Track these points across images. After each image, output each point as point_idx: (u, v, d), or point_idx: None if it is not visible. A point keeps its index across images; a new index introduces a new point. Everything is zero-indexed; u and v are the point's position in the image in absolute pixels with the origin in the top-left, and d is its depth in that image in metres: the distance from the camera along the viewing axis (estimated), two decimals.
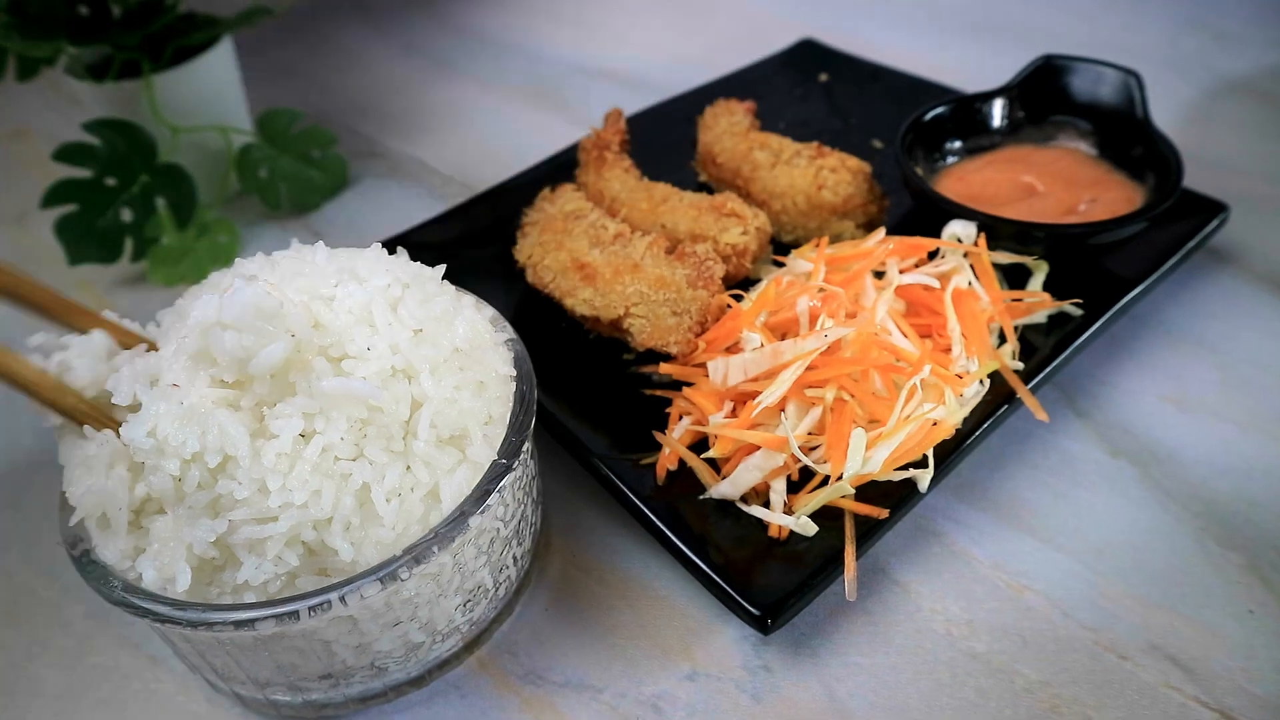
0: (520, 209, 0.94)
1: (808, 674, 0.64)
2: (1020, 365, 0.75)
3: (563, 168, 1.03)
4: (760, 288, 0.79)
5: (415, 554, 0.53)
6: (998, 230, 0.81)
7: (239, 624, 0.52)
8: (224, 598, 0.54)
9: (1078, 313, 0.80)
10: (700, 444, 0.72)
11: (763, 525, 0.67)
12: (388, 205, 1.17)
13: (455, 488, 0.56)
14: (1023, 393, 0.72)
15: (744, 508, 0.68)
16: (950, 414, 0.69)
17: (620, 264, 0.79)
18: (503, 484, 0.57)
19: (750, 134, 0.98)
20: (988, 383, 0.74)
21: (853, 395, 0.68)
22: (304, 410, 0.53)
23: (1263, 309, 0.88)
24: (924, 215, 0.86)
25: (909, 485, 0.68)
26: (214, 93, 1.11)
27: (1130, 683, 0.62)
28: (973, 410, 0.72)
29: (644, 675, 0.65)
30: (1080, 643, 0.64)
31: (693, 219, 0.85)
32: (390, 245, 0.81)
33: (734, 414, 0.71)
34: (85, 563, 0.56)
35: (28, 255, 1.13)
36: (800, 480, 0.69)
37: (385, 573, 0.53)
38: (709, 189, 1.02)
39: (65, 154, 1.00)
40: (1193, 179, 0.87)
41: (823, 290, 0.74)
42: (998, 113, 0.97)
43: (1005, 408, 0.72)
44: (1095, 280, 0.82)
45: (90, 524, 0.57)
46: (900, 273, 0.77)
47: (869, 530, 0.66)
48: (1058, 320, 0.80)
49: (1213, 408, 0.79)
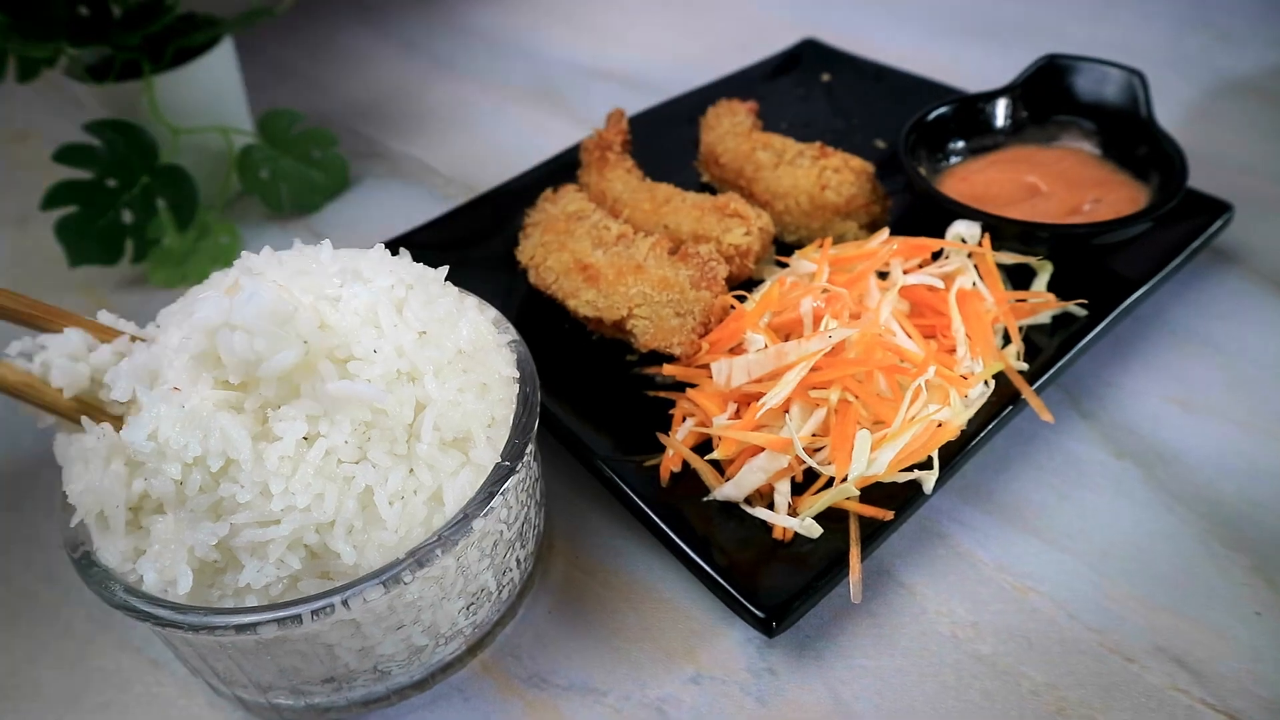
0: (522, 210, 0.94)
1: (812, 677, 0.64)
2: (1025, 366, 0.75)
3: (564, 168, 1.03)
4: (764, 288, 0.78)
5: (418, 557, 0.53)
6: (1002, 230, 0.81)
7: (241, 628, 0.51)
8: (225, 600, 0.54)
9: (1082, 313, 0.80)
10: (704, 446, 0.72)
11: (767, 527, 0.67)
12: (389, 206, 1.16)
13: (458, 490, 0.56)
14: (1028, 394, 0.72)
15: (748, 510, 0.68)
16: (955, 415, 0.69)
17: (623, 265, 0.79)
18: (506, 486, 0.57)
19: (753, 134, 0.98)
20: (992, 384, 0.73)
21: (857, 396, 0.68)
22: (308, 413, 0.53)
23: (1267, 309, 0.88)
24: (927, 215, 0.86)
25: (913, 487, 0.68)
26: (215, 93, 1.11)
27: (1136, 685, 0.61)
28: (977, 411, 0.71)
29: (648, 678, 0.64)
30: (1086, 645, 0.64)
31: (696, 219, 0.85)
32: (392, 246, 0.81)
33: (738, 415, 0.70)
34: (86, 565, 0.56)
35: (28, 257, 1.13)
36: (804, 482, 0.68)
37: (388, 576, 0.52)
38: (711, 189, 1.02)
39: (66, 155, 1.00)
40: (1196, 179, 0.87)
41: (826, 291, 0.74)
42: (1001, 113, 0.97)
43: (1010, 409, 0.72)
44: (1099, 281, 0.82)
45: (90, 524, 0.57)
46: (904, 273, 0.77)
47: (874, 532, 0.65)
48: (1062, 321, 0.80)
49: (1218, 408, 0.79)
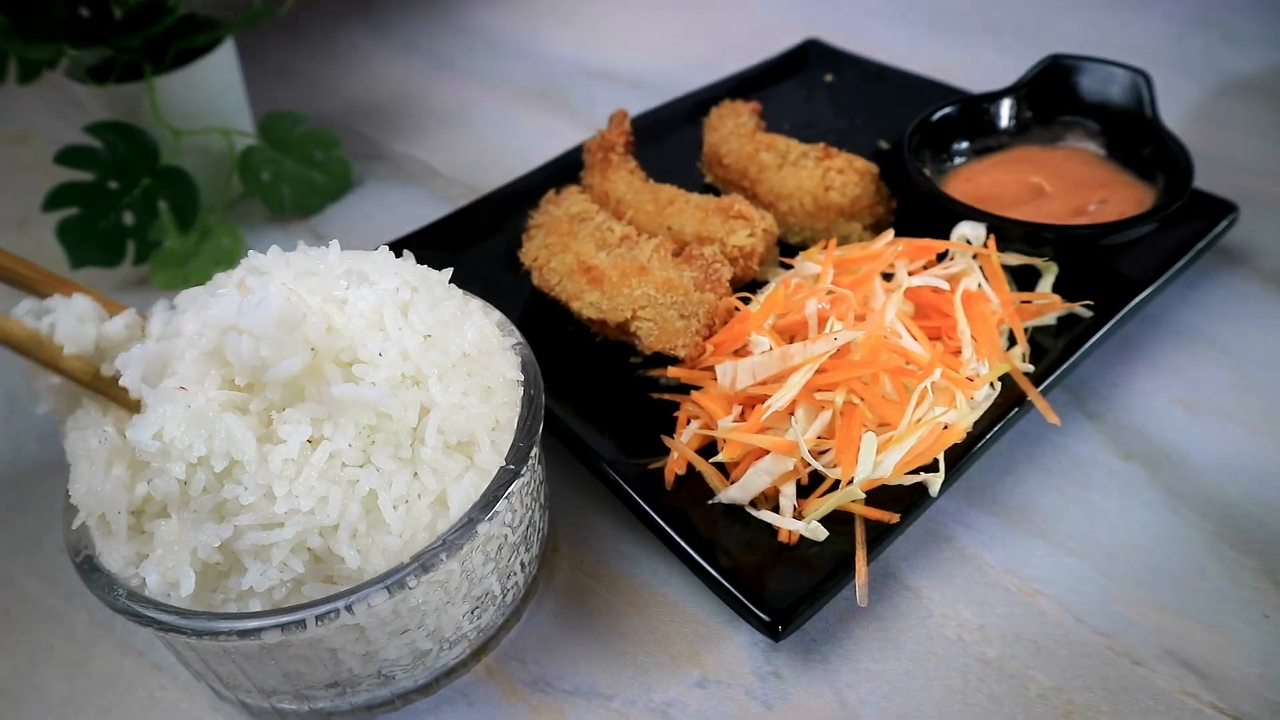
0: (525, 211, 0.94)
1: (818, 680, 0.63)
2: (1030, 368, 0.75)
3: (567, 169, 1.03)
4: (768, 290, 0.78)
5: (423, 562, 0.53)
6: (1007, 232, 0.81)
7: (244, 633, 0.51)
8: (228, 604, 0.54)
9: (1087, 314, 0.79)
10: (709, 448, 0.71)
11: (772, 530, 0.66)
12: (391, 207, 1.16)
13: (463, 494, 0.55)
14: (1034, 396, 0.72)
15: (753, 512, 0.67)
16: (961, 418, 0.69)
17: (627, 267, 0.79)
18: (510, 490, 0.56)
19: (756, 135, 0.98)
20: (998, 385, 0.73)
21: (863, 399, 0.67)
22: (312, 416, 0.53)
23: (1273, 309, 0.87)
24: (931, 216, 0.85)
25: (919, 489, 0.67)
26: (216, 95, 1.11)
27: (1145, 688, 0.61)
28: (983, 413, 0.71)
29: (653, 682, 0.64)
30: (1094, 648, 0.64)
31: (699, 221, 0.85)
32: (394, 248, 0.81)
33: (742, 418, 0.70)
34: (88, 570, 0.56)
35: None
36: (810, 485, 0.68)
37: (392, 581, 0.52)
38: (715, 190, 1.02)
39: (67, 157, 0.99)
40: (1201, 179, 0.86)
41: (831, 293, 0.74)
42: (1005, 113, 0.96)
43: (1016, 411, 0.72)
44: (1105, 282, 0.82)
45: (92, 528, 0.57)
46: (909, 275, 0.76)
47: (879, 535, 0.65)
48: (1067, 322, 0.80)
49: (1225, 410, 0.78)
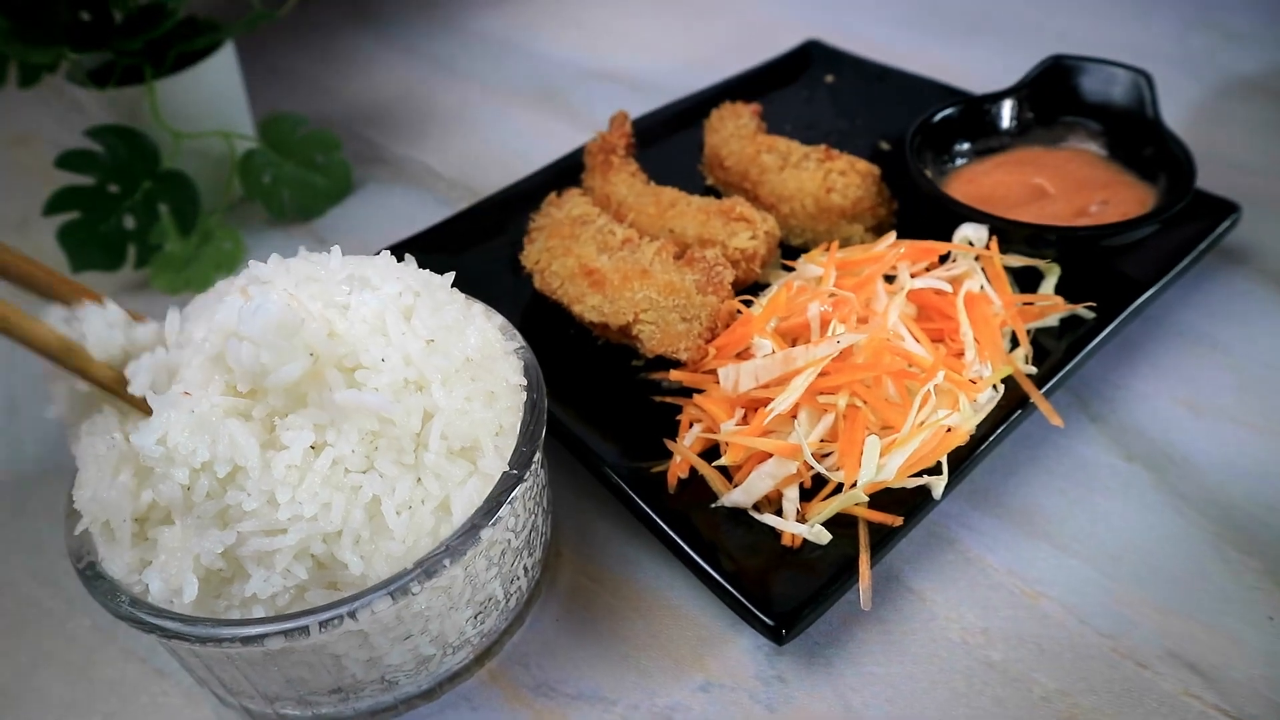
0: (526, 214, 0.94)
1: (822, 684, 0.63)
2: (1033, 370, 0.74)
3: (568, 172, 1.03)
4: (770, 293, 0.78)
5: (426, 567, 0.53)
6: (1009, 233, 0.81)
7: (247, 639, 0.51)
8: (231, 611, 0.54)
9: (1090, 316, 0.79)
10: (711, 451, 0.71)
11: (775, 534, 0.66)
12: (392, 210, 1.16)
13: (466, 500, 0.55)
14: (1037, 398, 0.72)
15: (756, 516, 0.67)
16: (965, 420, 0.68)
17: (629, 269, 0.78)
18: (514, 495, 0.56)
19: (757, 137, 0.98)
20: (1001, 388, 0.73)
21: (866, 401, 0.67)
22: (315, 422, 0.53)
23: (1276, 310, 0.87)
24: (933, 218, 0.85)
25: (923, 492, 0.67)
26: (216, 98, 1.10)
27: (1150, 691, 0.61)
28: (986, 416, 0.71)
29: (657, 686, 0.64)
30: (1098, 650, 0.63)
31: (701, 223, 0.84)
32: (396, 251, 0.81)
33: (745, 421, 0.70)
34: (91, 576, 0.56)
35: None
36: (813, 488, 0.68)
37: (396, 587, 0.52)
38: (716, 193, 1.01)
39: (67, 161, 0.99)
40: (1203, 179, 0.86)
41: (834, 295, 0.73)
42: (1007, 114, 0.96)
43: (1019, 413, 0.72)
44: (1107, 283, 0.82)
45: (95, 534, 0.56)
46: (911, 277, 0.76)
47: (883, 538, 0.65)
48: (1070, 323, 0.80)
49: (1228, 411, 0.78)
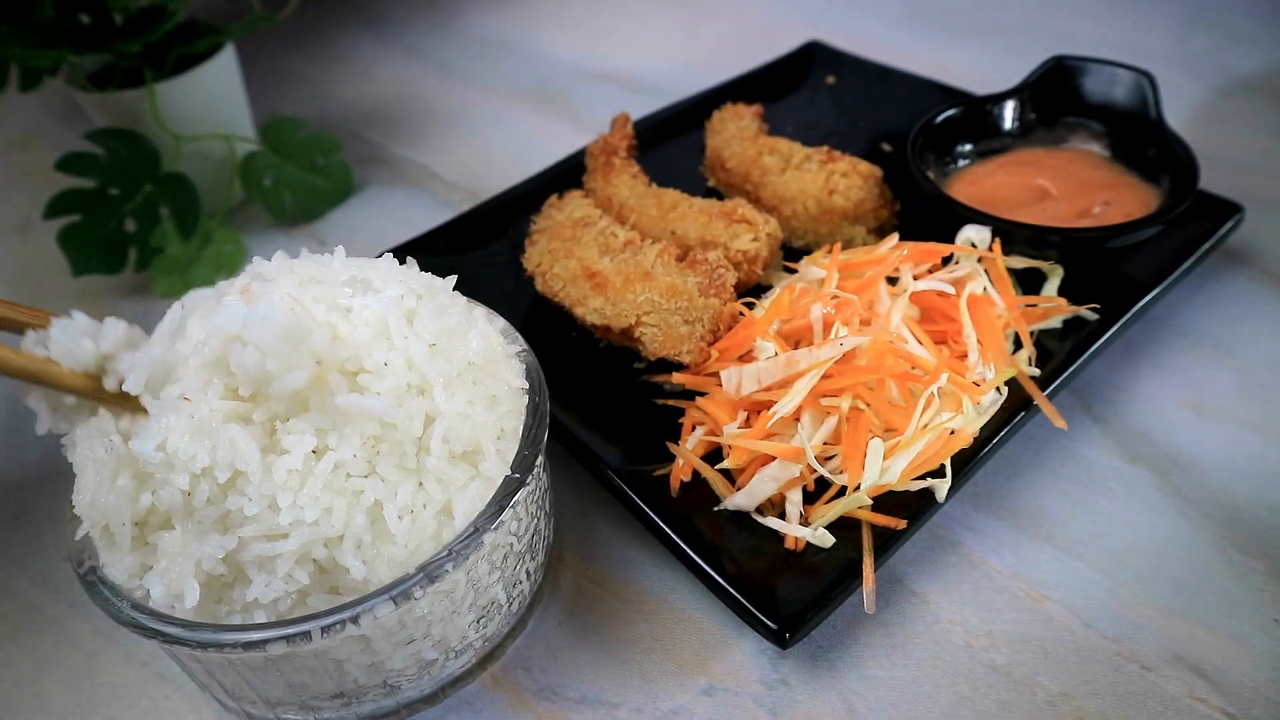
0: (527, 216, 0.93)
1: (826, 687, 0.63)
2: (1036, 371, 0.74)
3: (569, 174, 1.02)
4: (773, 295, 0.78)
5: (428, 572, 0.52)
6: (1012, 235, 0.80)
7: (249, 645, 0.51)
8: (233, 616, 0.53)
9: (1093, 317, 0.79)
10: (714, 455, 0.71)
11: (779, 537, 0.66)
12: (393, 212, 1.16)
13: (468, 504, 0.55)
14: (1040, 400, 0.71)
15: (759, 519, 0.67)
16: (968, 423, 0.68)
17: (631, 272, 0.78)
18: (516, 499, 0.56)
19: (759, 138, 0.97)
20: (1004, 390, 0.73)
21: (869, 404, 0.67)
22: (317, 426, 0.52)
23: (1279, 310, 0.87)
24: (935, 220, 0.85)
25: (926, 495, 0.67)
26: (217, 101, 1.10)
27: (1154, 694, 0.61)
28: (989, 418, 0.71)
29: (660, 690, 0.64)
30: (1102, 653, 0.63)
31: (703, 225, 0.84)
32: (397, 254, 0.81)
33: (748, 424, 0.70)
34: (92, 582, 0.55)
35: (30, 265, 1.13)
36: (816, 491, 0.68)
37: (398, 591, 0.52)
38: (717, 194, 1.01)
39: (68, 164, 0.99)
40: (1205, 179, 0.85)
41: (836, 297, 0.73)
42: (1009, 115, 0.96)
43: (1022, 415, 0.71)
44: (1110, 284, 0.81)
45: (95, 539, 0.56)
46: (914, 279, 0.76)
47: (886, 541, 0.65)
48: (1073, 325, 0.79)
49: (1231, 412, 0.78)
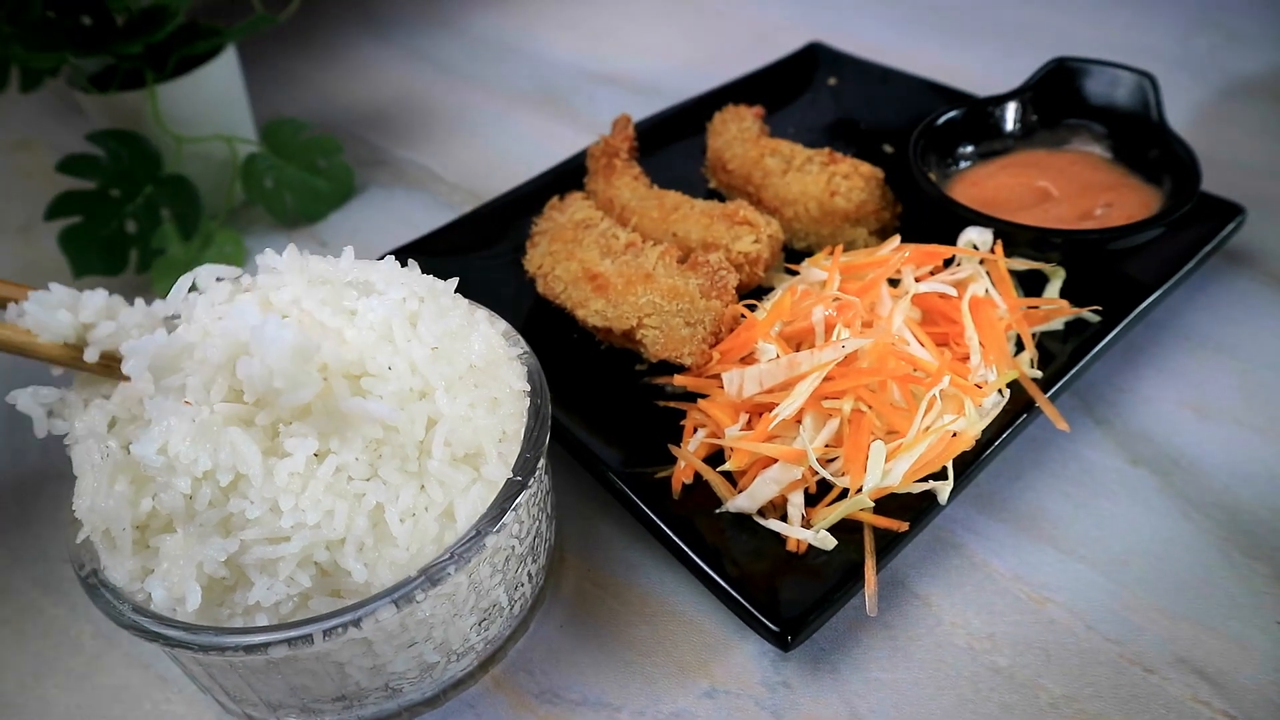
0: (528, 217, 0.93)
1: (828, 690, 0.63)
2: (1039, 374, 0.74)
3: (570, 175, 1.02)
4: (774, 297, 0.77)
5: (430, 575, 0.52)
6: (1014, 237, 0.80)
7: (251, 648, 0.51)
8: (235, 619, 0.53)
9: (1095, 319, 0.79)
10: (716, 457, 0.71)
11: (780, 539, 0.66)
12: (394, 213, 1.16)
13: (470, 507, 0.55)
14: (1042, 402, 0.71)
15: (761, 521, 0.67)
16: (970, 425, 0.68)
17: (632, 274, 0.78)
18: (518, 502, 0.56)
19: (760, 140, 0.97)
20: (1006, 392, 0.72)
21: (871, 406, 0.67)
22: (319, 429, 0.52)
23: None
24: (937, 221, 0.85)
25: (928, 497, 0.67)
26: (218, 102, 1.10)
27: (1157, 697, 0.61)
28: (991, 420, 0.71)
29: (662, 693, 0.64)
30: (1105, 656, 0.63)
31: (705, 227, 0.84)
32: (398, 255, 0.81)
33: (750, 426, 0.70)
34: (93, 585, 0.55)
35: (31, 267, 1.13)
36: (818, 493, 0.68)
37: (400, 594, 0.52)
38: (719, 196, 1.01)
39: (69, 165, 0.99)
40: (1206, 181, 0.85)
41: (838, 299, 0.73)
42: (1011, 116, 0.96)
43: (1024, 417, 0.71)
44: (1112, 286, 0.81)
45: (96, 542, 0.56)
46: (916, 280, 0.76)
47: (889, 543, 0.64)
48: (1075, 327, 0.79)
49: (1233, 414, 0.78)
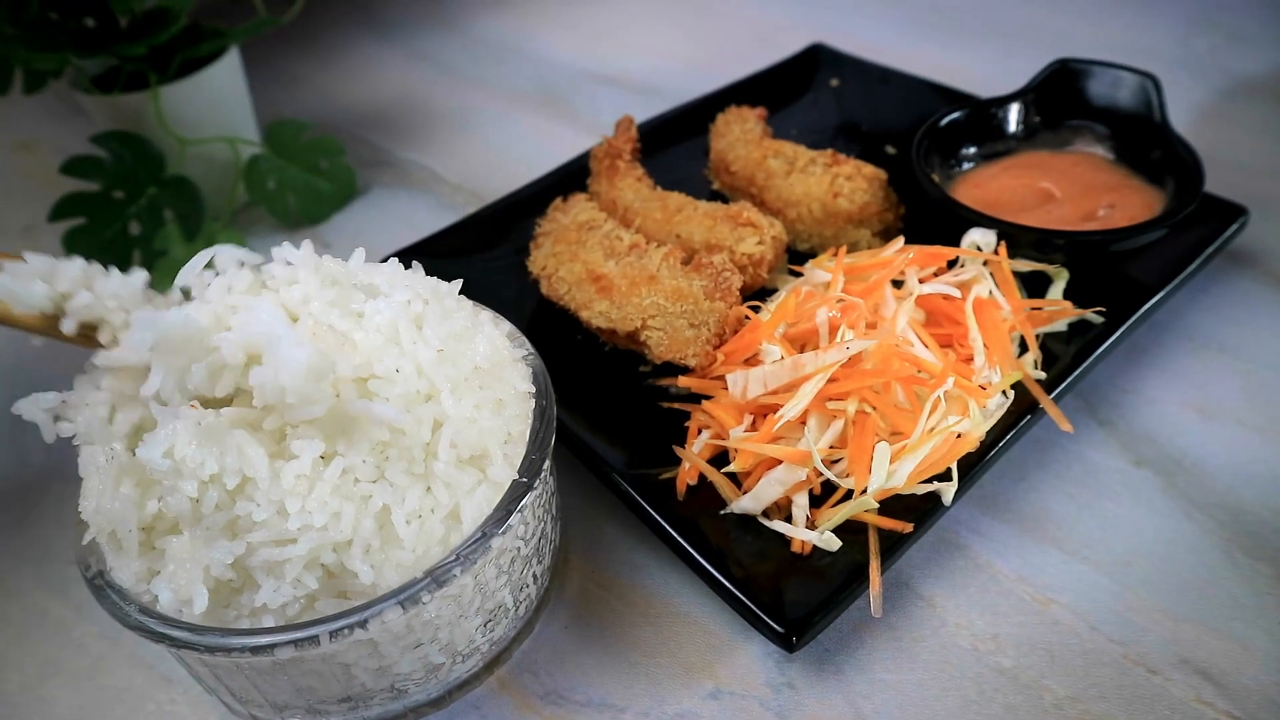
0: (531, 219, 0.94)
1: (833, 691, 0.63)
2: (1042, 375, 0.74)
3: (573, 176, 1.02)
4: (779, 298, 0.78)
5: (436, 576, 0.52)
6: (1018, 238, 0.80)
7: (257, 649, 0.51)
8: (241, 620, 0.53)
9: (1098, 320, 0.79)
10: (720, 458, 0.71)
11: (785, 540, 0.66)
12: (397, 215, 1.16)
13: (476, 508, 0.55)
14: (1046, 403, 0.71)
15: (766, 523, 0.67)
16: (974, 426, 0.68)
17: (636, 275, 0.78)
18: (523, 503, 0.56)
19: (763, 141, 0.97)
20: (1011, 393, 0.73)
21: (875, 408, 0.67)
22: (326, 432, 0.52)
23: None
24: (940, 223, 0.85)
25: (932, 498, 0.67)
26: (221, 104, 1.10)
27: (1161, 698, 0.61)
28: (995, 421, 0.71)
29: (666, 694, 0.64)
30: (1109, 657, 0.63)
31: (708, 229, 0.84)
32: (401, 257, 0.81)
33: (754, 427, 0.70)
34: (99, 586, 0.55)
35: None
36: (822, 494, 0.68)
37: (406, 596, 0.52)
38: (722, 197, 1.01)
39: (73, 167, 0.99)
40: (1209, 182, 0.85)
41: (842, 301, 0.73)
42: (1014, 118, 0.96)
43: (1028, 418, 0.71)
44: (1115, 287, 0.81)
45: (102, 544, 0.56)
46: (919, 282, 0.76)
47: (893, 544, 0.65)
48: (1078, 328, 0.79)
49: (1236, 415, 0.78)
